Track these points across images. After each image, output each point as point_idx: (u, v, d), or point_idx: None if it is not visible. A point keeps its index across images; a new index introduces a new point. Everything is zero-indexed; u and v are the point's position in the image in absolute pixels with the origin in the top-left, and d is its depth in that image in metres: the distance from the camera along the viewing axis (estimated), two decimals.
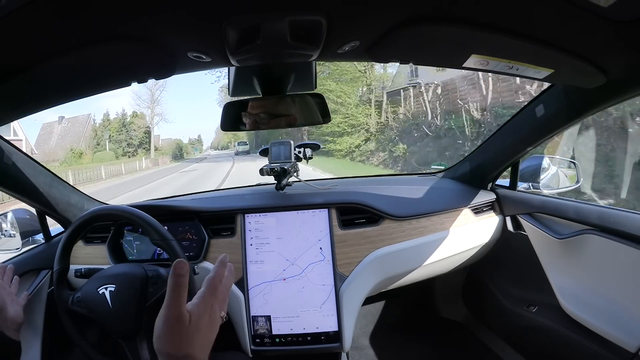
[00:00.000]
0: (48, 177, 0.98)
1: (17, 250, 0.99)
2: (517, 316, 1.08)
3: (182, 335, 0.37)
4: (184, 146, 35.82)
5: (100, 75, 0.56)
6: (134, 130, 26.25)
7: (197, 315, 0.39)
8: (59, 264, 0.80)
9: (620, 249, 0.75)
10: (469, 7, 0.45)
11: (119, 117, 26.62)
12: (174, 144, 33.65)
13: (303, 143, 1.14)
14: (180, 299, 0.38)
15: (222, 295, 0.43)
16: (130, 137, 26.03)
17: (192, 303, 0.40)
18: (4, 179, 0.85)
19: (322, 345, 0.91)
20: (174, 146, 32.96)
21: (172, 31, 0.47)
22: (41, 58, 0.45)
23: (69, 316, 0.79)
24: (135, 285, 0.75)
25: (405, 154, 10.04)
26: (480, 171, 1.16)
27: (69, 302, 0.78)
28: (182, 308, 0.38)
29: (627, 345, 0.71)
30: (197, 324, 0.38)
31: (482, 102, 7.93)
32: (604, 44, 0.51)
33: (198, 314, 0.39)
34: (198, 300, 0.40)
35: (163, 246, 0.76)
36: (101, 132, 25.52)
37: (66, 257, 0.81)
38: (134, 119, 26.66)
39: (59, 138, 24.68)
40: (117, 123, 26.30)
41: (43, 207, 1.00)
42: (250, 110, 0.80)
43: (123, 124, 26.20)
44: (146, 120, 27.09)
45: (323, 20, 0.45)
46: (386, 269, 0.98)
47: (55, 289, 0.80)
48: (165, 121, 36.03)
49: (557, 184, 1.11)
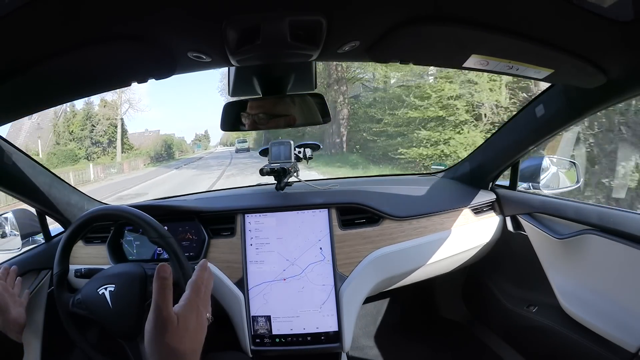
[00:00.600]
0: (48, 177, 0.98)
1: (17, 250, 0.99)
2: (517, 316, 1.08)
3: (173, 336, 0.38)
4: (175, 143, 28.92)
5: (100, 75, 0.56)
6: (100, 123, 20.04)
7: (185, 316, 0.40)
8: (59, 267, 0.80)
9: (620, 249, 0.75)
10: (469, 7, 0.45)
11: (85, 107, 20.04)
12: (160, 140, 26.59)
13: (303, 143, 1.14)
14: (167, 301, 0.39)
15: (205, 296, 0.44)
16: (96, 133, 19.90)
17: (179, 305, 0.41)
18: (4, 179, 0.85)
19: (322, 345, 0.91)
20: (160, 143, 25.87)
21: (172, 31, 0.47)
22: (41, 58, 0.45)
23: (70, 319, 0.79)
24: (134, 284, 0.75)
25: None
26: (480, 171, 1.16)
27: (70, 305, 0.78)
28: (170, 310, 0.39)
29: (627, 345, 0.71)
30: (186, 325, 0.39)
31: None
32: (604, 44, 0.51)
33: (185, 314, 0.40)
34: (184, 302, 0.41)
35: (163, 245, 0.76)
36: (64, 126, 19.71)
37: (65, 259, 0.81)
38: (102, 109, 20.29)
39: (27, 135, 20.05)
40: (81, 115, 20.32)
41: (43, 207, 1.00)
42: (249, 111, 0.80)
43: (88, 116, 20.06)
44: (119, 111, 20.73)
45: (323, 20, 0.45)
46: (386, 269, 0.98)
47: (55, 291, 0.80)
48: (135, 109, 24.53)
49: (557, 184, 1.11)
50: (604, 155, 3.30)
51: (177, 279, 0.73)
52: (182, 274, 0.74)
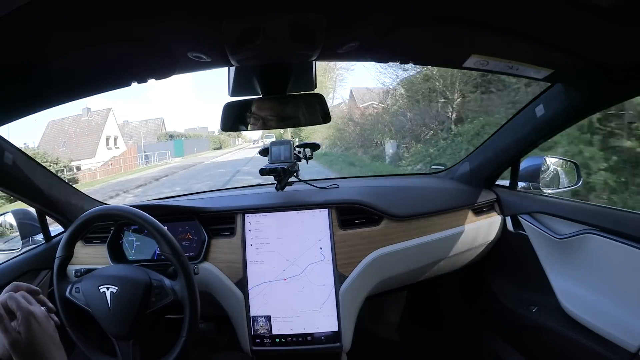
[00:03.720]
0: (48, 177, 0.98)
1: (17, 250, 0.99)
2: (517, 316, 1.08)
3: (27, 352, 0.45)
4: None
5: (100, 75, 0.56)
6: None
7: (25, 332, 0.46)
8: (63, 252, 0.79)
9: (620, 249, 0.75)
10: (469, 7, 0.45)
11: None
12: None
13: (303, 143, 1.14)
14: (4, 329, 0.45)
15: (25, 308, 0.48)
16: None
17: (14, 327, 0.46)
18: (4, 179, 0.85)
19: (322, 345, 0.91)
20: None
21: (172, 31, 0.47)
22: (41, 58, 0.45)
23: (65, 304, 0.78)
24: (138, 292, 0.74)
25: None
26: (480, 171, 1.16)
27: (67, 292, 0.78)
28: (12, 333, 0.45)
29: (627, 345, 0.71)
30: (30, 337, 0.46)
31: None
32: (604, 44, 0.51)
33: (25, 331, 0.46)
34: (18, 323, 0.47)
35: (165, 246, 0.76)
36: None
37: (71, 247, 0.80)
38: None
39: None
40: None
41: (43, 207, 1.00)
42: (257, 112, 0.80)
43: None
44: None
45: (323, 20, 0.45)
46: (386, 269, 0.98)
47: (55, 276, 0.79)
48: None
49: (557, 184, 1.11)
50: None
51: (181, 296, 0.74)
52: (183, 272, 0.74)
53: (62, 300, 0.78)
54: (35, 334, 0.47)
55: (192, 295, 0.73)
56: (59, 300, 0.78)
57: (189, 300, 0.73)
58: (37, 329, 0.47)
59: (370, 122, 10.54)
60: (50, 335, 0.49)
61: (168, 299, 0.75)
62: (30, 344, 0.46)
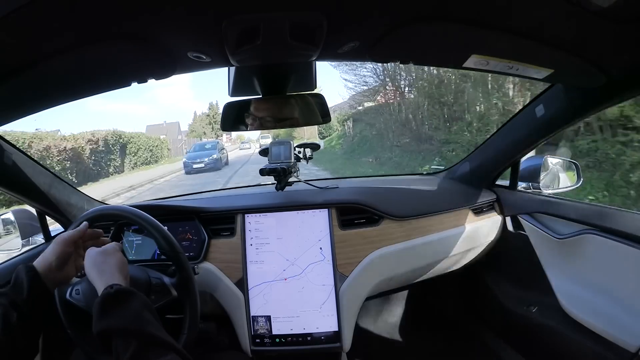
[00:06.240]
0: (48, 177, 0.98)
1: (17, 250, 0.99)
2: (517, 316, 1.08)
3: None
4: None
5: (100, 75, 0.56)
6: None
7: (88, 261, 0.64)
8: None
9: (620, 249, 0.75)
10: (469, 7, 0.45)
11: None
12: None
13: (303, 143, 1.14)
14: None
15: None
16: None
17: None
18: (4, 179, 0.85)
19: (322, 345, 0.91)
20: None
21: (172, 31, 0.47)
22: (41, 58, 0.45)
23: (65, 306, 0.78)
24: (137, 291, 0.74)
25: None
26: (480, 171, 1.16)
27: (67, 294, 0.78)
28: None
29: (627, 345, 0.71)
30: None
31: None
32: (604, 43, 0.51)
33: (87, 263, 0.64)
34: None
35: (164, 245, 0.76)
36: None
37: None
38: None
39: None
40: None
41: (43, 207, 1.00)
42: (255, 113, 0.80)
43: None
44: None
45: (323, 20, 0.45)
46: (386, 269, 0.98)
47: None
48: None
49: (557, 184, 1.11)
50: None
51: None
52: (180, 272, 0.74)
53: (62, 302, 0.78)
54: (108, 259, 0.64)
55: (192, 291, 0.73)
56: (60, 303, 0.78)
57: (189, 297, 0.73)
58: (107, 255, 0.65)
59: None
60: (120, 259, 0.65)
61: (168, 296, 0.75)
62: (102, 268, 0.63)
